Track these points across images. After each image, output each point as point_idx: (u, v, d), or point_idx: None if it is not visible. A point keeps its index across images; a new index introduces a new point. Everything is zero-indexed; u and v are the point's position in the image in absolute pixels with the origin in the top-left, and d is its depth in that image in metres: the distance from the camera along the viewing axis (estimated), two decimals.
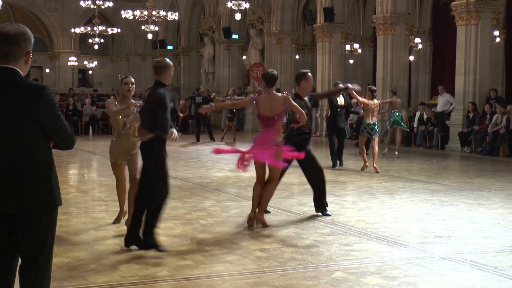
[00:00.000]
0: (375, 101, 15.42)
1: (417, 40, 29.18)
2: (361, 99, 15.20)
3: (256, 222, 9.00)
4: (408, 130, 17.77)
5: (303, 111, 9.18)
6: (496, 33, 23.19)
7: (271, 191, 9.25)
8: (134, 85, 8.63)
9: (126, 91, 8.51)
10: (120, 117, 8.44)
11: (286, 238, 8.34)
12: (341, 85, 12.12)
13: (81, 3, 36.52)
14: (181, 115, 31.03)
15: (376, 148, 15.42)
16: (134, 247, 7.47)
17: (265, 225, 8.95)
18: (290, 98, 9.17)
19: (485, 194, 12.33)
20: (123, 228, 8.79)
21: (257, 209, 9.07)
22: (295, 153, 9.33)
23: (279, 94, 9.30)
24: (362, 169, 15.64)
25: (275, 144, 8.90)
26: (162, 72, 7.68)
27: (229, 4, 26.04)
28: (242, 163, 9.11)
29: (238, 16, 26.90)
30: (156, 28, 36.37)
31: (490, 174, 15.62)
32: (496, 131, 20.09)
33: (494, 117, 20.30)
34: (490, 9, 21.53)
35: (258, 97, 9.31)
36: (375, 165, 15.26)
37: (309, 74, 10.04)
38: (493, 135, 20.21)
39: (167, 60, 8.00)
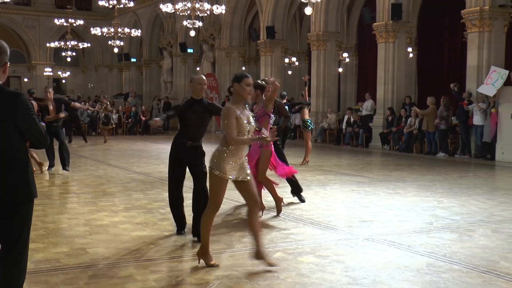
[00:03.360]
0: None
1: (345, 54, 29.46)
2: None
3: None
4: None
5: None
6: (410, 49, 23.58)
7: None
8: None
9: (247, 94, 6.16)
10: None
11: (234, 225, 8.34)
12: None
13: (55, 21, 36.16)
14: (143, 118, 30.80)
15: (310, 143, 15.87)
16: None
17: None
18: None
19: (401, 184, 12.50)
20: (92, 217, 8.68)
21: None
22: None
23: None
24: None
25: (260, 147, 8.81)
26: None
27: (185, 23, 25.85)
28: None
29: (192, 33, 26.72)
30: (121, 43, 35.94)
31: (405, 168, 15.84)
32: (410, 131, 20.44)
33: (409, 120, 20.64)
34: (404, 29, 21.87)
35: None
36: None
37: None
38: (407, 135, 20.56)
39: (195, 75, 7.45)
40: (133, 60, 42.33)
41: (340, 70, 28.96)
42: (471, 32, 18.95)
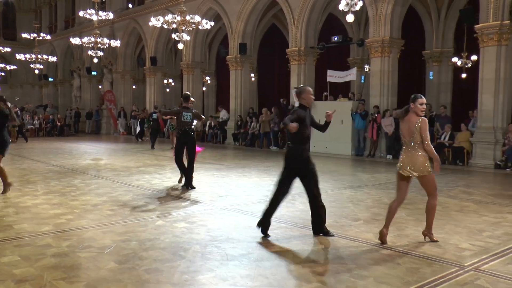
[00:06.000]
0: None
1: (207, 77, 29.48)
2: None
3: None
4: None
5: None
6: (252, 75, 24.02)
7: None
8: (424, 105, 5.48)
9: (420, 111, 5.45)
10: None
11: (126, 202, 8.09)
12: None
13: None
14: (59, 123, 29.08)
15: None
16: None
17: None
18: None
19: (247, 169, 12.74)
20: (18, 200, 8.08)
21: None
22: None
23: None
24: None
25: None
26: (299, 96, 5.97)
27: (90, 52, 24.64)
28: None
29: (96, 60, 25.55)
30: (41, 66, 33.72)
31: (250, 158, 16.16)
32: (253, 132, 20.84)
33: (252, 124, 21.04)
34: (248, 61, 22.24)
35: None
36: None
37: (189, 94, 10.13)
38: (251, 134, 20.93)
39: (303, 86, 6.08)
40: (50, 79, 39.85)
41: (204, 88, 28.94)
42: (293, 64, 19.68)
